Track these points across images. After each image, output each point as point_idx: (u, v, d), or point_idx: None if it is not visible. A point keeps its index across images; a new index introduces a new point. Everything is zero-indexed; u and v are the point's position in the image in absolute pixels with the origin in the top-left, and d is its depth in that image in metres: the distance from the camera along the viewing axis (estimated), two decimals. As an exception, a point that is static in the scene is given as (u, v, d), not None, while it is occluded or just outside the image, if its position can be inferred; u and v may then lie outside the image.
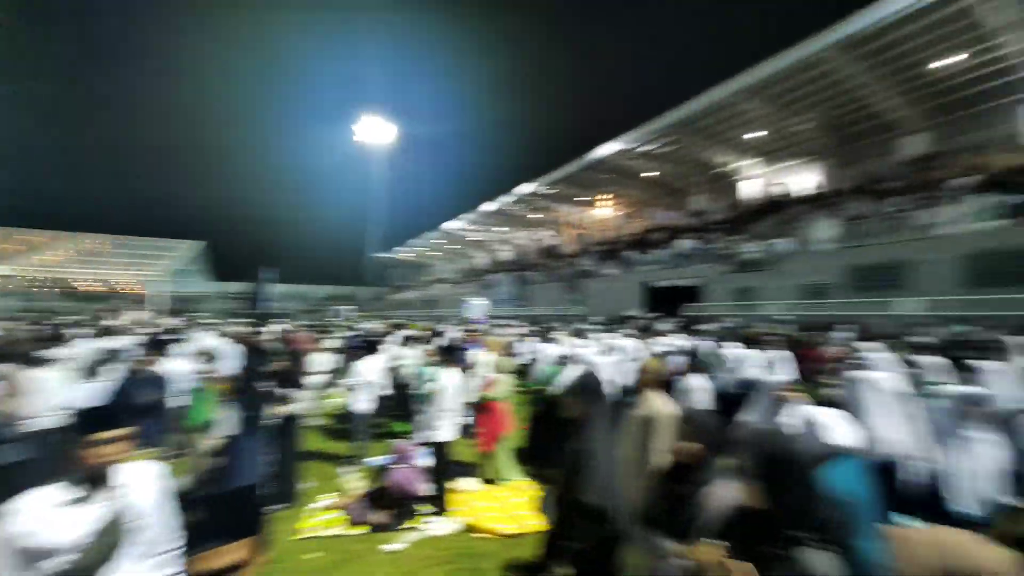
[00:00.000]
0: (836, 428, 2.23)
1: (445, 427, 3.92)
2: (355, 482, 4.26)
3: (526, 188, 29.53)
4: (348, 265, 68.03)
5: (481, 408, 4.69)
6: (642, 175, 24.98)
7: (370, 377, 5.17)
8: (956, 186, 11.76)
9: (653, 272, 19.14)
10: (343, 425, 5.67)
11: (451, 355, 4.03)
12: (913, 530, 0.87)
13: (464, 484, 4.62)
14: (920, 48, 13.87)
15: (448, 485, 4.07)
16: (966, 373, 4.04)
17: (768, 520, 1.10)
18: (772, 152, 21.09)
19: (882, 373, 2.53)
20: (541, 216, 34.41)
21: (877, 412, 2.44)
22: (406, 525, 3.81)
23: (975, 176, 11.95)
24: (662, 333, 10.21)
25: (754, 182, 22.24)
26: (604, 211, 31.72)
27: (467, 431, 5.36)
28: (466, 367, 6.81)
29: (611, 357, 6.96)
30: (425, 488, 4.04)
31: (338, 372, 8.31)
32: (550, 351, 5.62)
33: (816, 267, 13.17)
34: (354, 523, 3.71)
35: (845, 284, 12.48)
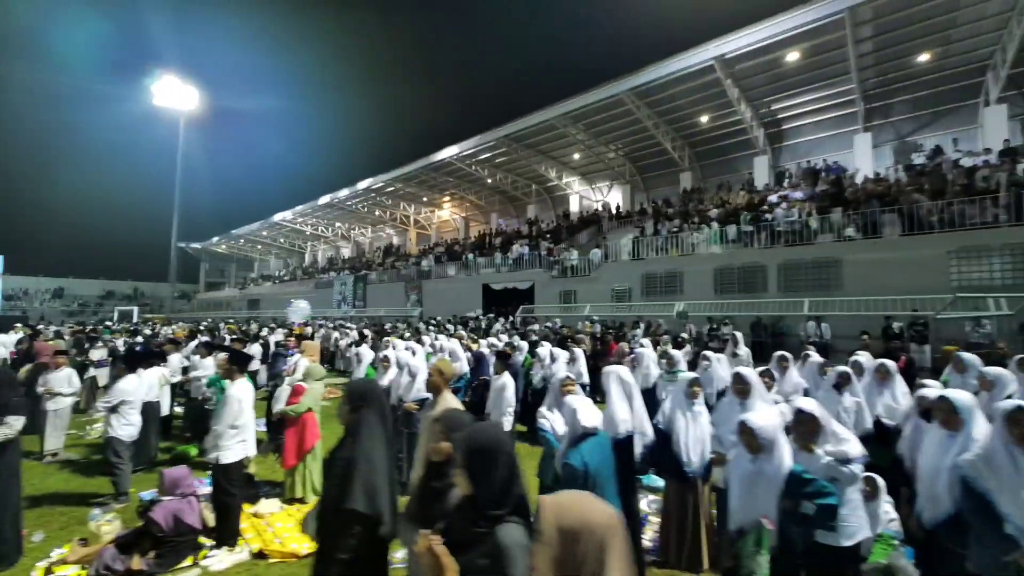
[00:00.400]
0: (587, 413, 2.67)
1: (233, 445, 3.46)
2: (106, 525, 3.45)
3: (367, 183, 28.14)
4: (146, 257, 55.09)
5: (285, 420, 4.28)
6: (484, 181, 26.11)
7: (135, 395, 4.27)
8: (710, 215, 15.17)
9: (492, 274, 20.11)
10: (103, 456, 4.57)
11: (240, 363, 3.56)
12: (550, 496, 1.08)
13: (265, 506, 4.16)
14: (688, 104, 17.62)
15: (241, 511, 3.61)
16: (703, 360, 5.23)
17: (474, 504, 1.25)
18: (591, 172, 24.24)
19: (621, 368, 3.13)
20: (384, 214, 33.19)
21: (617, 397, 3.01)
22: (183, 564, 3.26)
23: (722, 208, 15.61)
24: (494, 333, 10.83)
25: (577, 197, 25.20)
26: (448, 212, 32.23)
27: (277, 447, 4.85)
28: (281, 375, 6.15)
29: (433, 358, 7.07)
30: (207, 518, 3.51)
31: (100, 389, 6.67)
32: (367, 354, 5.44)
33: (620, 274, 15.50)
34: (99, 577, 3.01)
35: (641, 289, 14.96)
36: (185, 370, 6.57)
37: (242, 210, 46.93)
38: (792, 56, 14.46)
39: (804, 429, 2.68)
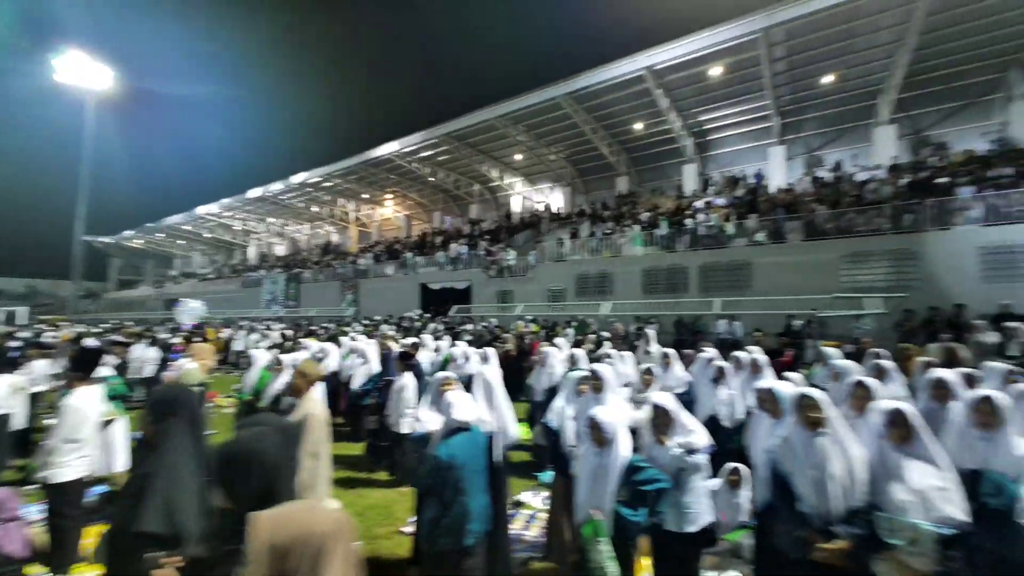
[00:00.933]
0: (463, 408, 2.63)
1: (72, 462, 3.09)
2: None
3: (302, 177, 26.80)
4: (45, 251, 49.35)
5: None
6: (426, 179, 25.67)
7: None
8: (640, 219, 15.78)
9: (430, 274, 19.79)
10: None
11: (81, 367, 3.19)
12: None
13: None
14: (623, 111, 18.26)
15: (81, 535, 3.23)
16: (605, 359, 5.35)
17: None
18: (533, 174, 24.51)
19: (486, 367, 3.13)
20: (322, 210, 31.77)
21: (477, 398, 3.00)
22: (3, 600, 2.85)
23: (652, 212, 16.28)
24: (431, 333, 10.62)
25: (519, 198, 25.39)
26: (390, 210, 31.38)
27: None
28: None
29: (347, 361, 6.79)
30: (34, 544, 3.10)
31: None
32: (259, 357, 5.09)
33: (555, 275, 15.74)
34: None
35: (575, 289, 15.27)
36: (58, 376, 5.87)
37: (163, 202, 43.38)
38: (715, 71, 15.33)
39: (659, 422, 2.79)
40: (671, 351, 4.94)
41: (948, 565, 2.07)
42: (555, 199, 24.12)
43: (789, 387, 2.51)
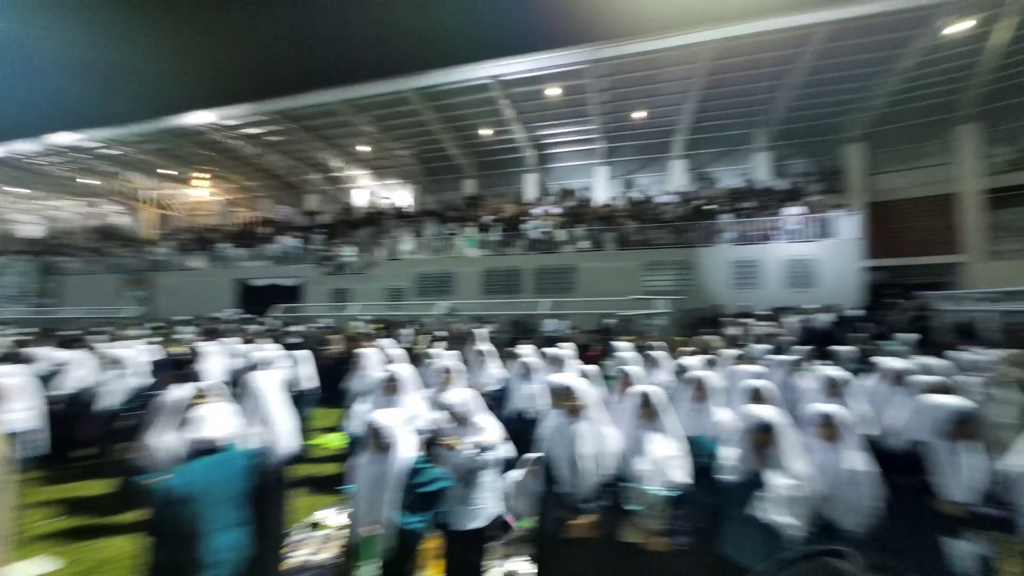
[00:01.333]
0: (215, 423, 2.18)
1: None
2: None
3: (70, 139, 20.79)
4: None
5: None
6: (253, 161, 22.39)
7: None
8: (484, 221, 16.31)
9: (252, 269, 17.28)
10: None
11: None
12: None
13: None
14: (472, 116, 18.69)
15: None
16: (425, 359, 5.24)
17: None
18: (381, 168, 23.39)
19: (259, 375, 2.78)
20: (99, 184, 25.14)
21: (256, 407, 2.62)
22: None
23: (494, 216, 16.98)
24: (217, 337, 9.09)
25: (363, 192, 23.97)
26: (206, 193, 26.49)
27: None
28: None
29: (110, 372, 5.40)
30: None
31: None
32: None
33: (397, 273, 15.21)
34: None
35: (416, 289, 14.96)
36: None
37: None
38: (552, 91, 16.69)
39: (453, 421, 2.77)
40: (487, 348, 5.08)
41: (674, 522, 2.46)
42: (403, 196, 23.42)
43: (561, 379, 2.73)
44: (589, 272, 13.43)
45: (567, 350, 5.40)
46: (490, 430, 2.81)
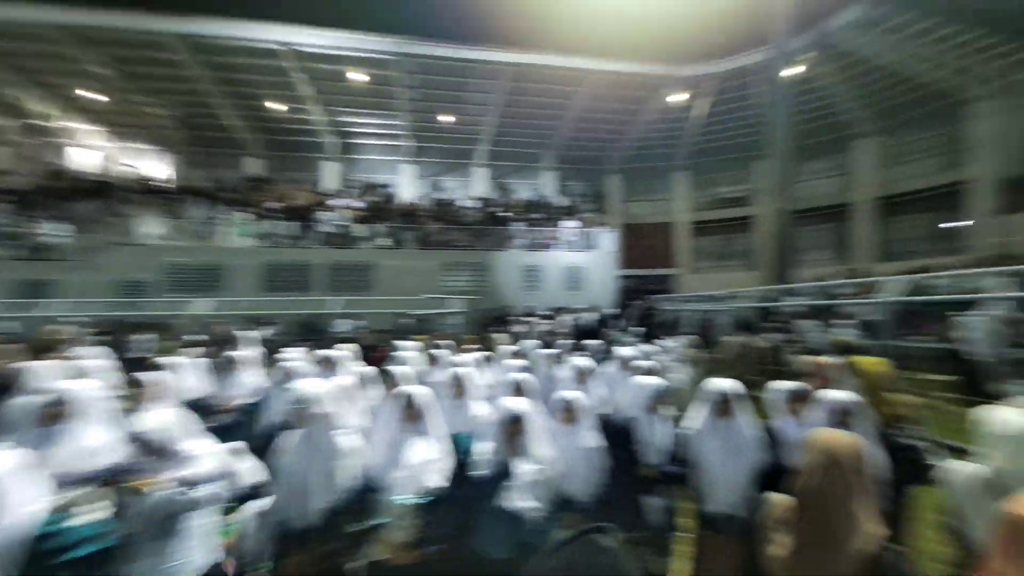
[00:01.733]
0: None
1: None
2: None
3: None
4: None
5: None
6: None
7: None
8: (269, 208, 14.15)
9: None
10: None
11: None
12: None
13: None
14: (261, 84, 16.06)
15: None
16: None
17: None
18: (123, 125, 18.02)
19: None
20: None
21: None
22: None
23: (283, 203, 14.91)
24: None
25: (90, 152, 18.10)
26: None
27: None
28: None
29: None
30: None
31: None
32: None
33: (137, 262, 11.89)
34: None
35: (168, 282, 11.96)
36: None
37: None
38: (357, 76, 15.57)
39: (154, 454, 2.10)
40: (244, 354, 4.25)
41: (425, 529, 2.34)
42: (157, 167, 18.54)
43: (301, 386, 2.37)
44: (388, 270, 12.96)
45: (343, 351, 4.93)
46: (205, 458, 2.22)
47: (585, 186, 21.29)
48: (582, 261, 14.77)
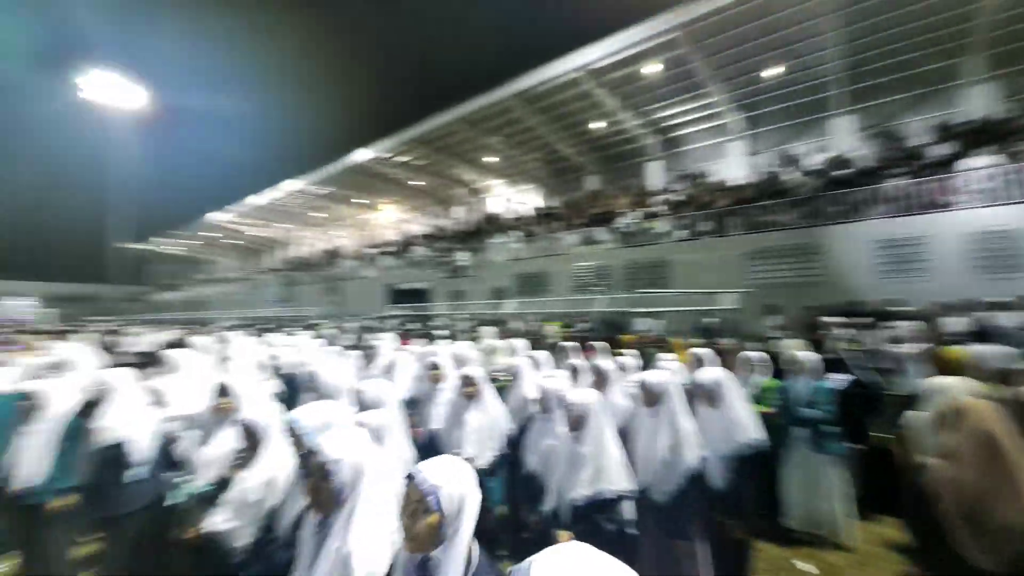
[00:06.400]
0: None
1: None
2: None
3: (294, 184, 28.31)
4: (86, 258, 53.68)
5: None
6: (407, 183, 26.63)
7: None
8: (592, 217, 16.05)
9: (399, 275, 20.73)
10: None
11: None
12: None
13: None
14: (578, 111, 18.40)
15: None
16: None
17: None
18: (512, 175, 24.98)
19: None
20: (319, 215, 33.42)
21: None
22: None
23: (601, 211, 16.49)
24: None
25: (498, 199, 25.93)
26: (387, 214, 32.62)
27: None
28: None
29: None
30: None
31: None
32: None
33: (500, 274, 16.24)
34: None
35: (516, 288, 15.72)
36: None
37: (186, 208, 46.39)
38: (651, 68, 15.28)
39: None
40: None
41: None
42: (533, 199, 24.54)
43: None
44: (683, 265, 12.00)
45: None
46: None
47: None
48: (1012, 221, 8.60)
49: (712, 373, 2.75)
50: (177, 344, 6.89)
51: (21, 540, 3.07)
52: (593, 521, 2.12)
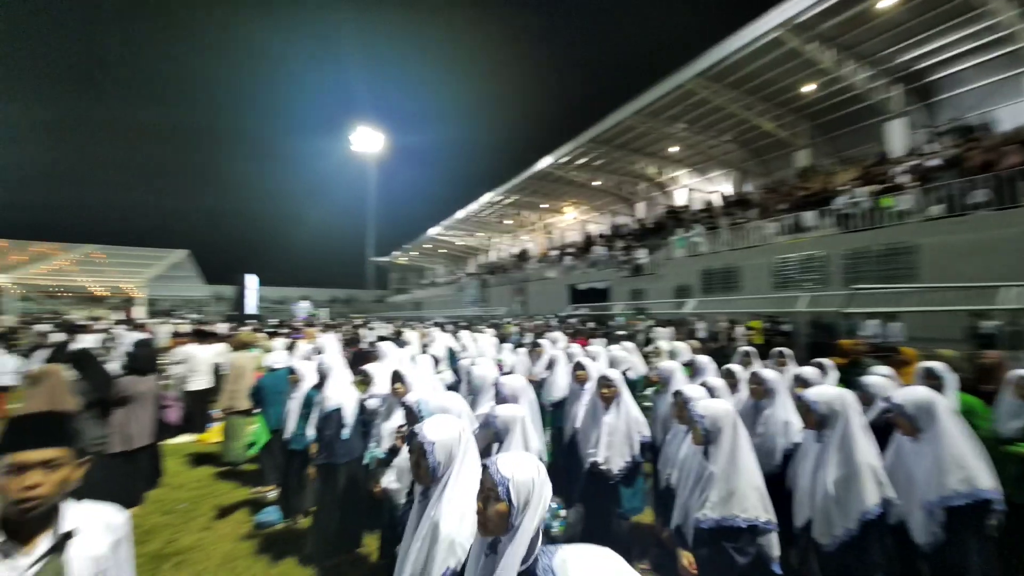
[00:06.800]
0: None
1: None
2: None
3: (488, 196, 31.70)
4: (350, 269, 71.25)
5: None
6: (588, 185, 26.94)
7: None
8: (797, 200, 13.53)
9: (578, 275, 21.20)
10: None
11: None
12: None
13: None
14: (780, 77, 15.56)
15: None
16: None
17: None
18: (699, 163, 22.84)
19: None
20: (513, 222, 36.61)
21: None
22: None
23: (812, 191, 13.69)
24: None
25: (685, 191, 24.00)
26: (570, 216, 33.75)
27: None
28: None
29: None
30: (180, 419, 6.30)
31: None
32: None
33: (682, 271, 15.06)
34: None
35: (700, 286, 14.34)
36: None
37: (410, 226, 56.82)
38: (885, 2, 11.91)
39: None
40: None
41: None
42: (725, 188, 21.98)
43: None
44: (938, 251, 9.00)
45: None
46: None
47: None
48: None
49: (915, 394, 2.01)
50: (390, 338, 8.56)
51: (282, 475, 4.34)
52: (720, 548, 1.83)
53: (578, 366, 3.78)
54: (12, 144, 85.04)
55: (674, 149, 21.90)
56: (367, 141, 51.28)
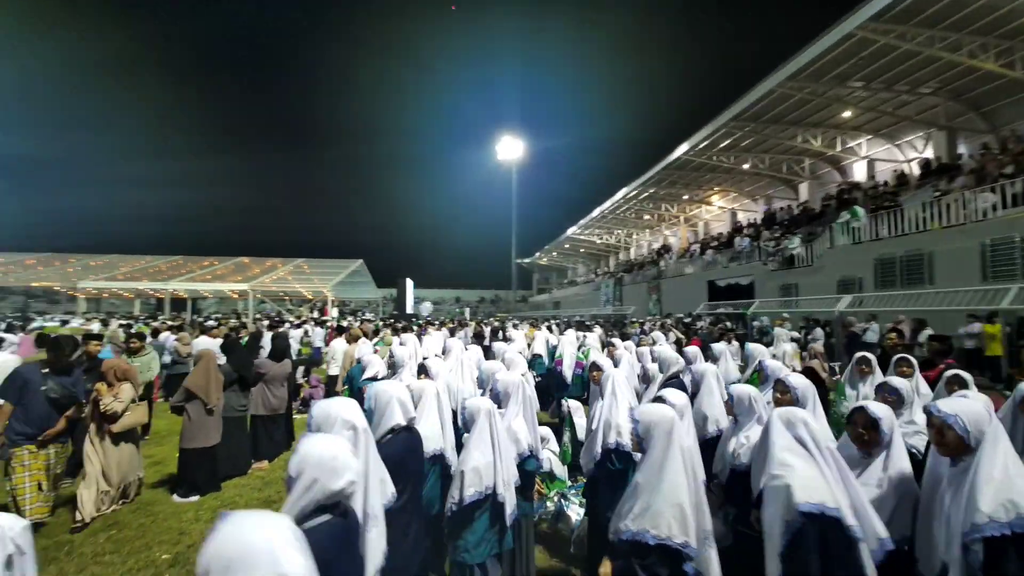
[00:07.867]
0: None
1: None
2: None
3: (623, 192, 30.47)
4: (497, 270, 76.27)
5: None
6: (738, 169, 23.87)
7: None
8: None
9: (718, 271, 19.06)
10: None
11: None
12: None
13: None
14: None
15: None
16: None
17: None
18: (886, 127, 18.37)
19: None
20: (652, 216, 34.59)
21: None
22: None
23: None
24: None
25: (865, 163, 19.54)
26: (717, 206, 30.42)
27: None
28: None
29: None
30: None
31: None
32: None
33: (848, 262, 12.40)
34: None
35: (875, 278, 11.61)
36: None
37: (550, 228, 57.95)
38: None
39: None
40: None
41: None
42: (928, 151, 17.28)
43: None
44: None
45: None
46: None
47: None
48: None
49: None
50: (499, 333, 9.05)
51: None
52: (631, 564, 1.54)
53: (594, 366, 3.51)
54: (239, 185, 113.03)
55: (847, 114, 17.99)
56: (510, 148, 54.15)
